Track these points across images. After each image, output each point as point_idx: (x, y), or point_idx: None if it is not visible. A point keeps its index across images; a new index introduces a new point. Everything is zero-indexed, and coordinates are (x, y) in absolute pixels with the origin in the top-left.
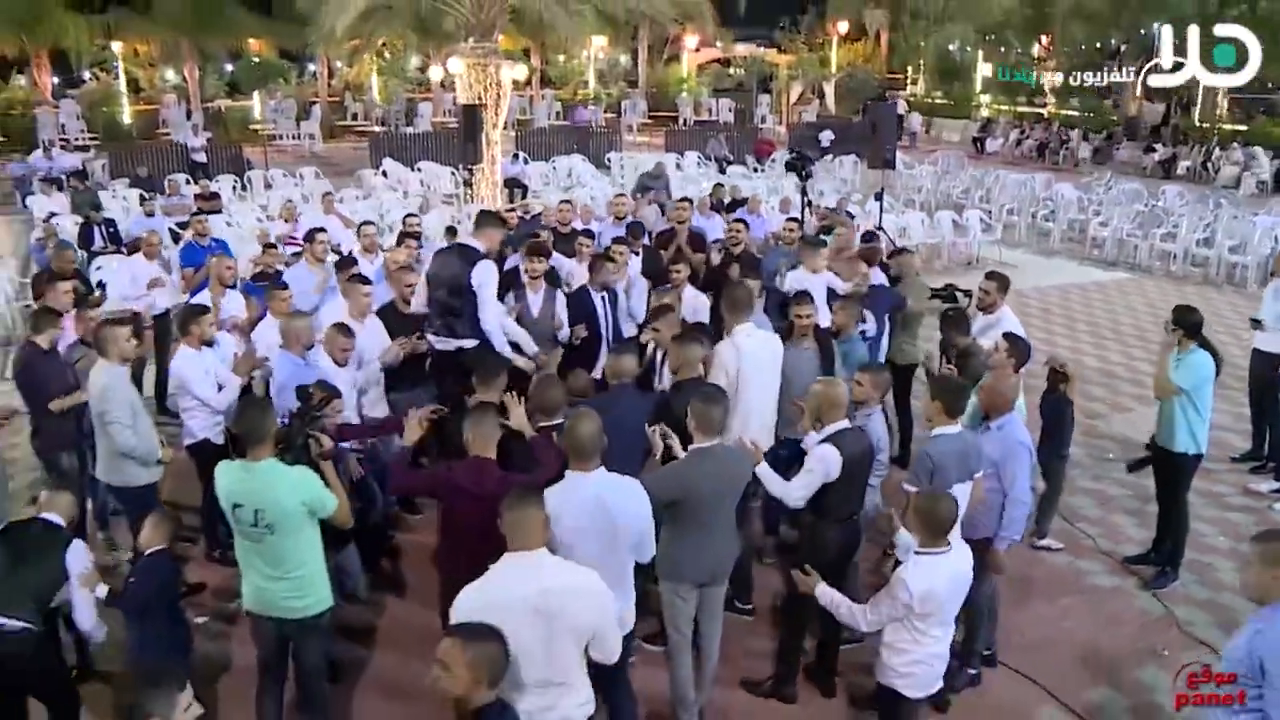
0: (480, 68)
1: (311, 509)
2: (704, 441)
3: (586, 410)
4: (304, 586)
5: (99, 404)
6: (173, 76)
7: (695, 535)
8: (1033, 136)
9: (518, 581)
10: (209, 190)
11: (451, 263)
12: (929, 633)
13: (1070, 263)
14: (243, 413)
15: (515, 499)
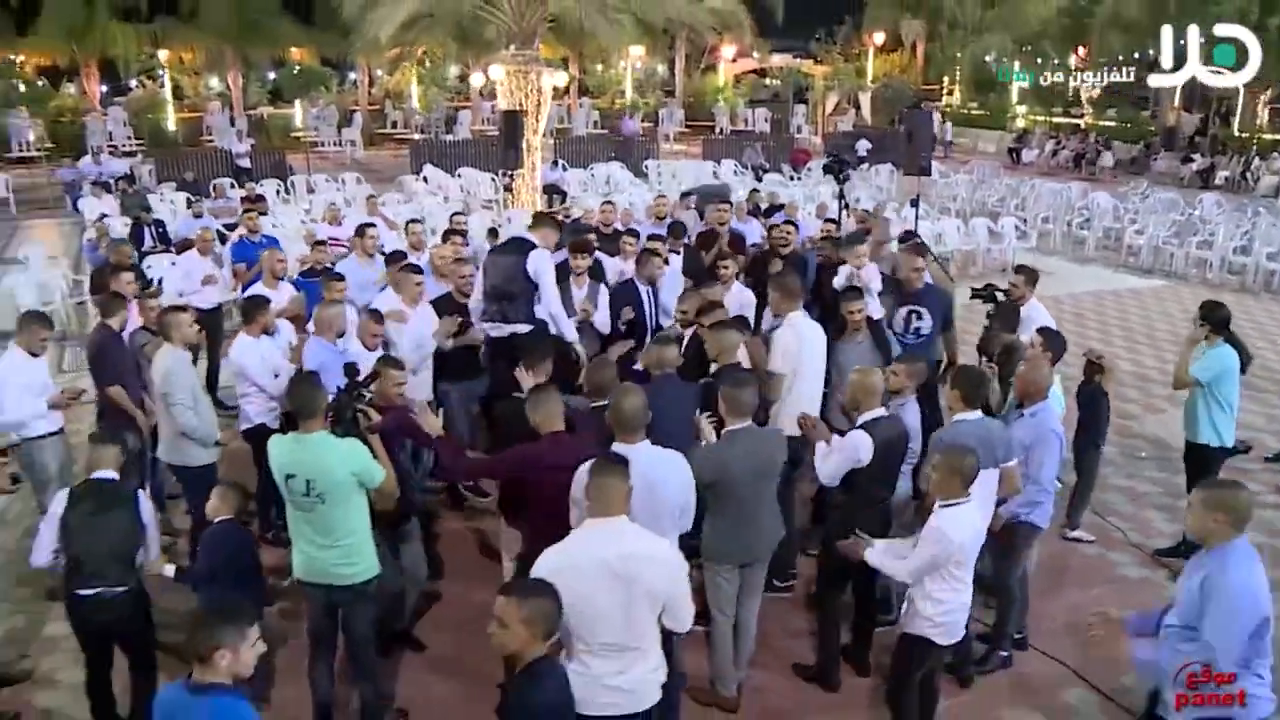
0: (521, 75)
1: (360, 479)
2: (736, 424)
3: (631, 386)
4: (352, 554)
5: (163, 386)
6: (216, 84)
7: (734, 516)
8: (1069, 147)
9: (599, 545)
10: (254, 193)
11: (508, 253)
12: (962, 580)
13: (1105, 270)
14: (295, 388)
15: (600, 468)
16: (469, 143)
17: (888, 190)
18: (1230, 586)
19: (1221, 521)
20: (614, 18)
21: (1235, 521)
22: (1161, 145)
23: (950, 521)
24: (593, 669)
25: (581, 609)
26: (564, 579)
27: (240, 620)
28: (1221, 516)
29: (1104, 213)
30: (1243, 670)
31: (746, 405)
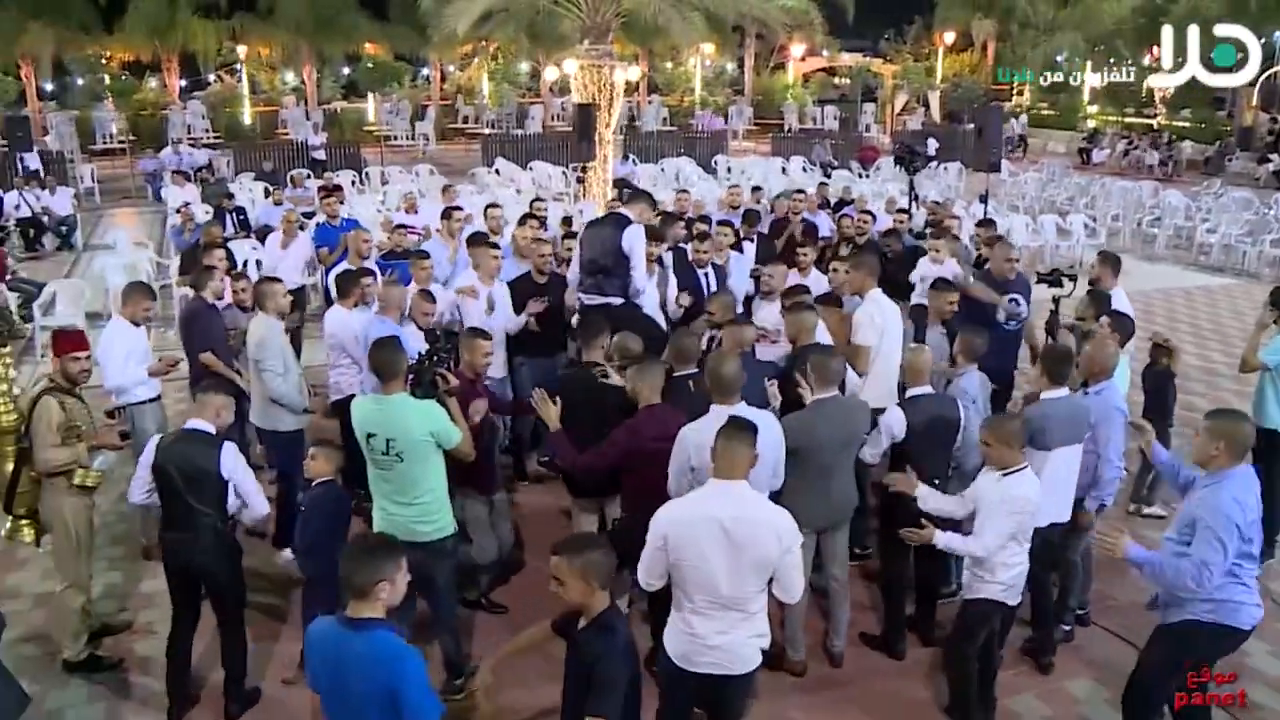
0: (594, 69)
1: (438, 439)
2: (823, 393)
3: (726, 353)
4: (429, 512)
5: (256, 352)
6: (292, 79)
7: (813, 481)
8: (1140, 147)
9: (717, 505)
10: (332, 183)
11: (604, 226)
12: (1020, 543)
13: (1175, 268)
14: (377, 351)
15: (728, 432)
16: (539, 137)
17: (956, 188)
18: (1220, 507)
19: (1221, 450)
20: (686, 14)
21: (1233, 450)
22: (1237, 145)
23: (1020, 487)
24: (695, 628)
25: (691, 564)
26: (677, 532)
27: (396, 550)
28: (1222, 445)
29: (1175, 211)
30: (1230, 580)
31: (834, 374)
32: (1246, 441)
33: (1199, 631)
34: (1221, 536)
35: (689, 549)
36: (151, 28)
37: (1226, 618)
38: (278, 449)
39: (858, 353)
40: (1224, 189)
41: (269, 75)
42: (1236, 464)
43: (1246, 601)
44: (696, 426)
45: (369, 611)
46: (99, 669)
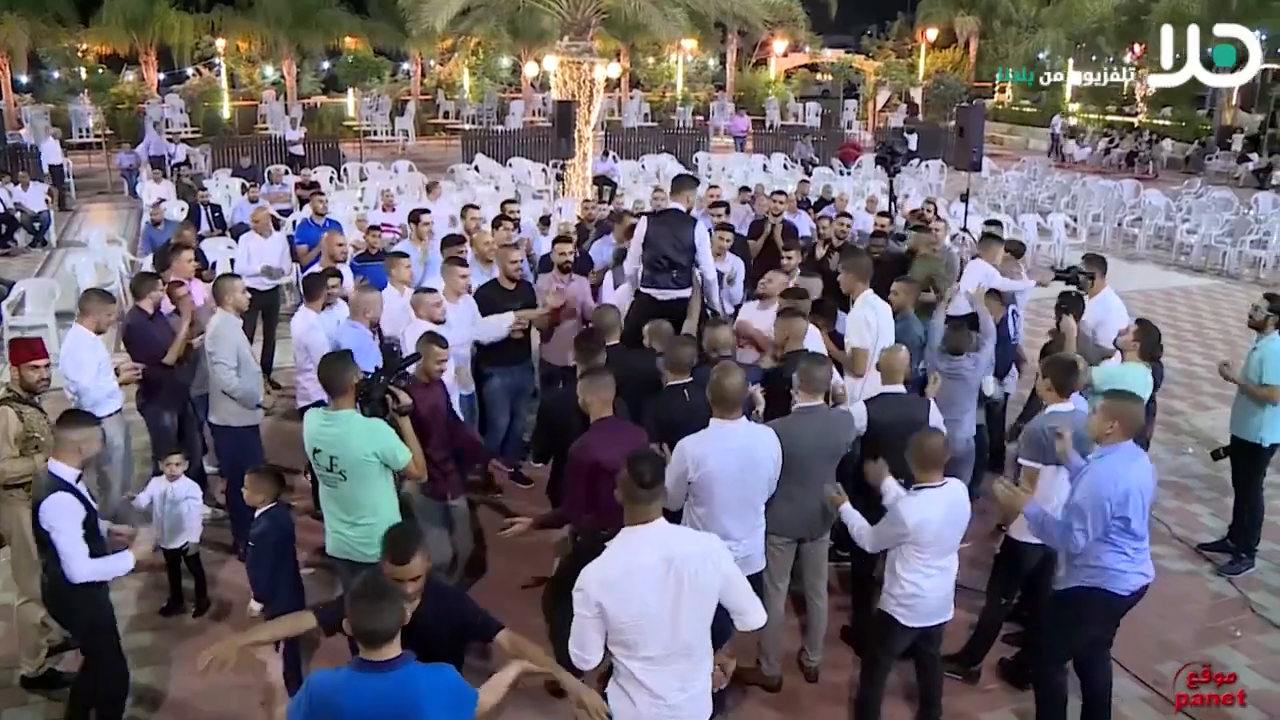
0: (574, 66)
1: (384, 460)
2: (809, 401)
3: (731, 364)
4: (374, 535)
5: (210, 345)
6: (271, 73)
7: (794, 489)
8: (1122, 145)
9: (650, 549)
10: (309, 179)
11: (674, 224)
12: (931, 564)
13: (1155, 268)
14: (325, 364)
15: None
16: (520, 133)
17: (937, 186)
18: (1096, 473)
19: (1115, 428)
20: (667, 10)
21: (1126, 429)
22: (1217, 144)
23: (909, 505)
24: (654, 688)
25: (634, 623)
26: (612, 595)
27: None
28: (1117, 424)
29: (1156, 211)
30: (1110, 549)
31: (820, 383)
32: (1137, 423)
33: (1083, 596)
34: (1087, 507)
35: (629, 606)
36: (129, 20)
37: (1107, 584)
38: (227, 444)
39: (854, 355)
40: (1204, 188)
41: (248, 69)
42: (1126, 440)
43: (1128, 570)
44: (697, 439)
45: (390, 651)
46: (58, 685)
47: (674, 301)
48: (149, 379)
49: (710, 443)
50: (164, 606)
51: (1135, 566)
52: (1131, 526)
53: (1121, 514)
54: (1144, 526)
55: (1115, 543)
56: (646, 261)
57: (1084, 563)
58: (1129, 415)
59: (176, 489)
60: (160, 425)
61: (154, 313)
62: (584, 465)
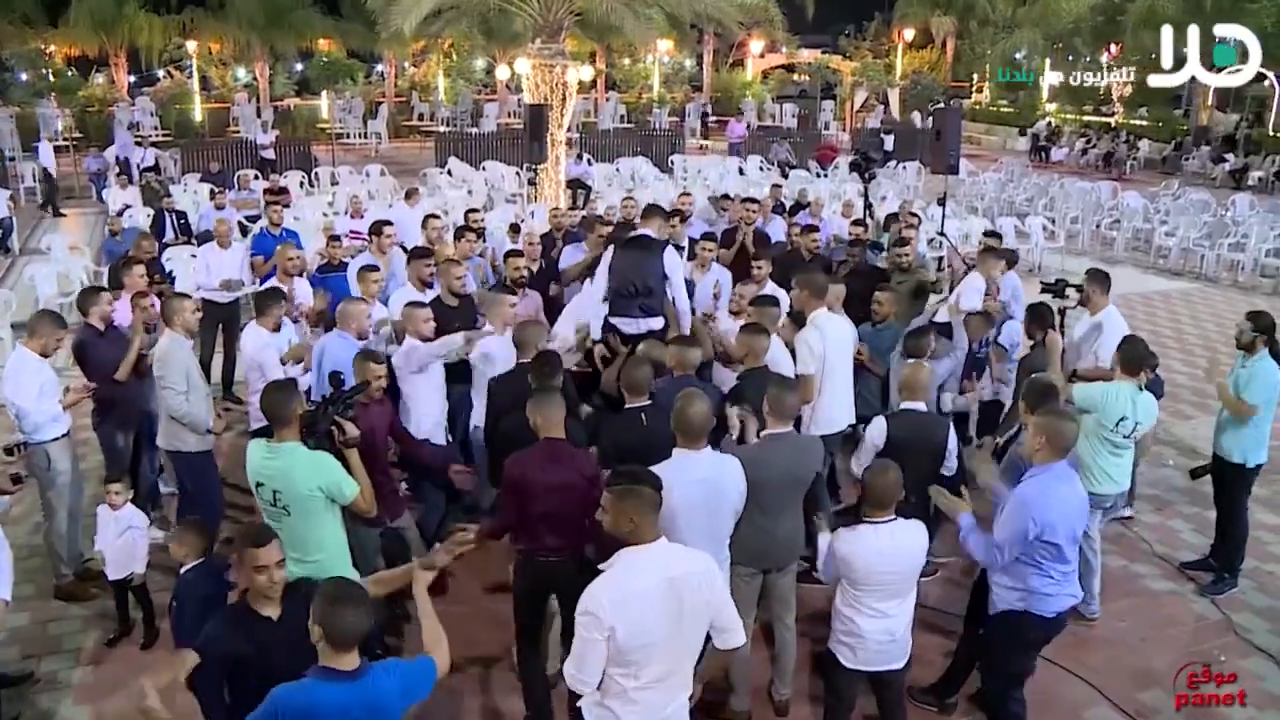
0: (547, 68)
1: (329, 494)
2: (777, 428)
3: (696, 390)
4: (322, 572)
5: (158, 368)
6: (244, 75)
7: (760, 520)
8: (1099, 146)
9: (655, 569)
10: (278, 185)
11: (641, 250)
12: (866, 603)
13: (1134, 271)
14: (268, 394)
15: (637, 498)
16: (495, 136)
17: (915, 188)
18: (1021, 494)
19: (1044, 445)
20: (642, 12)
21: (1056, 447)
22: (1194, 145)
23: (842, 538)
24: (645, 704)
25: (641, 643)
26: (627, 615)
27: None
28: (1043, 439)
29: (1134, 213)
30: (1035, 572)
31: (790, 409)
32: (1067, 439)
33: (1015, 620)
34: (1012, 524)
35: (637, 627)
36: (97, 22)
37: (1035, 607)
38: (180, 470)
39: (801, 383)
40: (1182, 189)
41: (220, 71)
42: (1057, 459)
43: (1055, 593)
44: (659, 471)
45: (355, 659)
46: None
47: (643, 334)
48: (101, 398)
49: (673, 474)
50: (111, 638)
51: (1062, 589)
52: (1060, 551)
53: (1050, 539)
54: (1074, 551)
55: (1042, 567)
56: (613, 290)
57: (1009, 585)
58: (1057, 432)
59: (120, 519)
60: (114, 446)
61: (105, 328)
62: (510, 480)
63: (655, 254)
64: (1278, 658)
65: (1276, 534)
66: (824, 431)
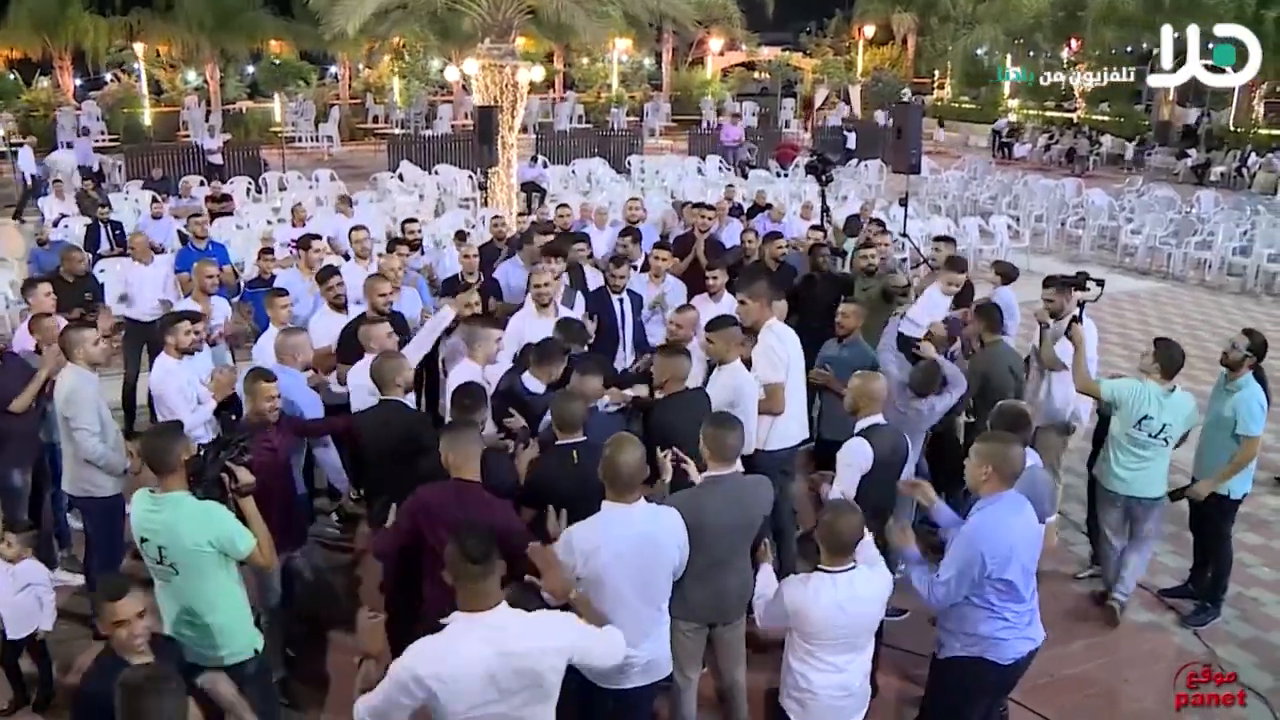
0: (496, 69)
1: (221, 549)
2: (719, 469)
3: (628, 436)
4: (217, 636)
5: (65, 409)
6: (194, 78)
7: (704, 570)
8: (1062, 141)
9: (477, 645)
10: (220, 192)
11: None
12: (819, 657)
13: (1100, 271)
14: (148, 439)
15: (466, 569)
16: (449, 138)
17: (877, 188)
18: (967, 530)
19: (990, 474)
20: (596, 9)
21: (1003, 474)
22: (1156, 140)
23: (793, 586)
24: None
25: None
26: (445, 688)
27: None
28: (989, 469)
29: (1099, 211)
30: (989, 615)
31: (732, 450)
32: (1015, 465)
33: (965, 666)
34: (959, 558)
35: (462, 703)
36: (38, 23)
37: (988, 653)
38: (93, 518)
39: (770, 393)
40: (1146, 186)
41: (169, 74)
42: (1005, 488)
43: (1010, 637)
44: (586, 528)
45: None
46: None
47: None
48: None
49: (602, 531)
50: (4, 709)
51: (1018, 632)
52: (1015, 589)
53: (1001, 575)
54: (1029, 587)
55: (994, 607)
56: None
57: (959, 629)
58: (1004, 458)
59: (18, 573)
60: (10, 486)
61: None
62: (406, 512)
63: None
64: (1266, 697)
65: (1259, 555)
66: (779, 446)
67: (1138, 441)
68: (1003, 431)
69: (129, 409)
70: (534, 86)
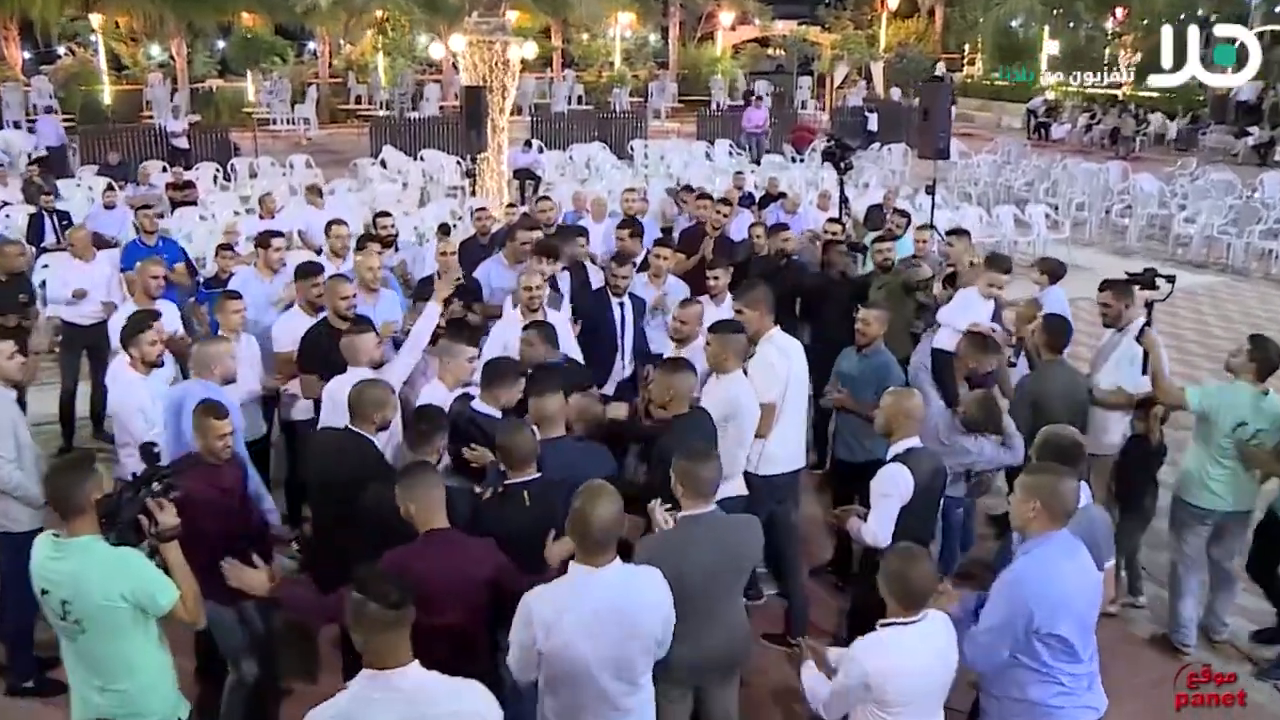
0: (485, 45)
1: (137, 604)
2: (695, 508)
3: (602, 485)
4: (133, 703)
5: None
6: (158, 53)
7: (686, 625)
8: (1105, 121)
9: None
10: (182, 179)
11: None
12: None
13: (1150, 264)
14: (52, 474)
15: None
16: (436, 121)
17: (901, 174)
18: (1011, 575)
19: (1038, 511)
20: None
21: (1052, 512)
22: (1212, 117)
23: (877, 655)
24: None
25: None
26: None
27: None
28: (1036, 505)
29: (1148, 198)
30: (1034, 675)
31: (708, 484)
32: (1067, 502)
33: None
34: (1002, 611)
35: None
36: None
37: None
38: (5, 555)
39: (763, 414)
40: (1201, 169)
41: (131, 49)
42: (1057, 527)
43: (1066, 705)
44: (548, 594)
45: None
46: None
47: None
48: None
49: (567, 598)
50: None
51: (1076, 699)
52: (1070, 647)
53: (1052, 630)
54: (1087, 646)
55: (1047, 669)
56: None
57: (1005, 694)
58: (1055, 493)
59: None
60: None
61: None
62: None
63: None
64: None
65: None
66: (773, 471)
67: (1227, 452)
68: (1052, 463)
69: (67, 424)
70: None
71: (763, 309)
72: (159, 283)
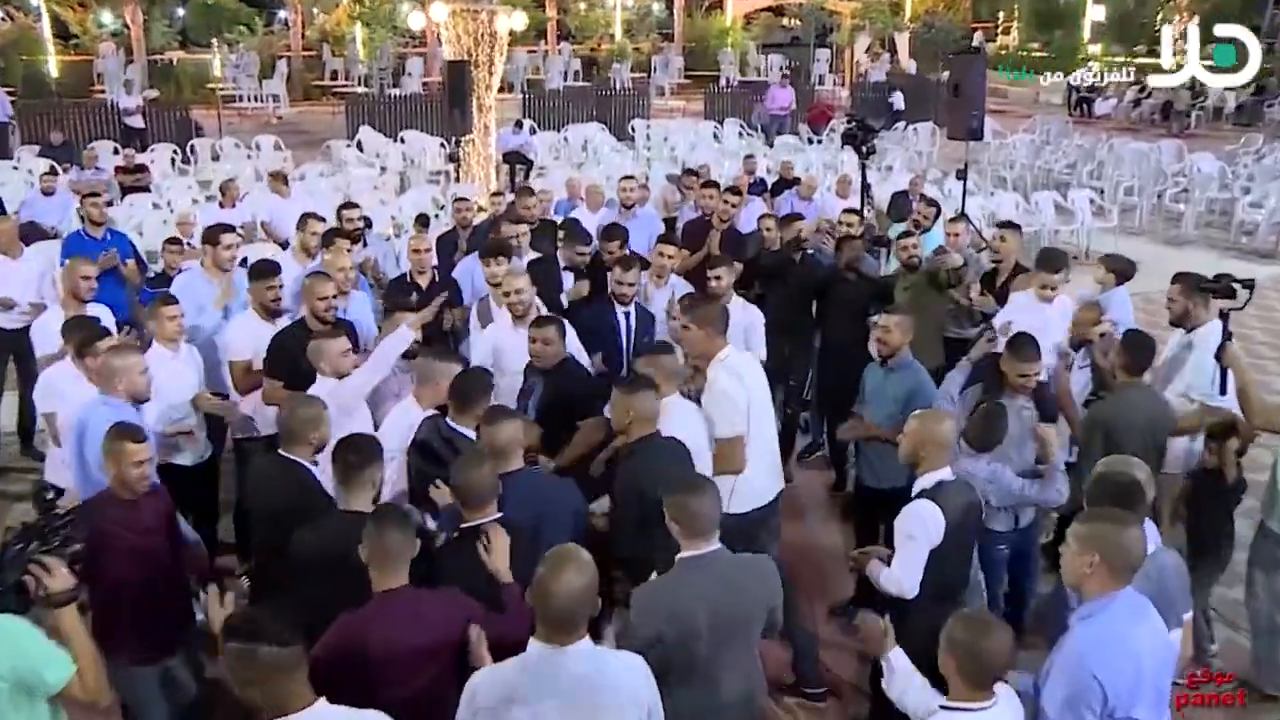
0: (470, 15)
1: (20, 681)
2: (694, 548)
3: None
4: None
5: None
6: (111, 20)
7: (689, 689)
8: (1155, 95)
9: None
10: (134, 162)
11: None
12: None
13: (1209, 254)
14: None
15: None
16: (419, 99)
17: (929, 156)
18: (1073, 647)
19: (1096, 567)
20: None
21: (1114, 569)
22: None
23: None
24: None
25: None
26: None
27: None
28: (1096, 559)
29: (1207, 180)
30: None
31: (706, 519)
32: (1132, 555)
33: None
34: (1064, 689)
35: None
36: None
37: None
38: None
39: (728, 450)
40: (1267, 146)
41: (79, 15)
42: (1119, 585)
43: None
44: (497, 675)
45: None
46: None
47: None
48: None
49: (518, 685)
50: None
51: None
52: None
53: (1127, 714)
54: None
55: None
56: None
57: None
58: (1117, 546)
59: None
60: None
61: None
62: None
63: None
64: None
65: None
66: (749, 507)
67: None
68: (1110, 508)
69: None
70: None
71: (711, 328)
72: (90, 284)
